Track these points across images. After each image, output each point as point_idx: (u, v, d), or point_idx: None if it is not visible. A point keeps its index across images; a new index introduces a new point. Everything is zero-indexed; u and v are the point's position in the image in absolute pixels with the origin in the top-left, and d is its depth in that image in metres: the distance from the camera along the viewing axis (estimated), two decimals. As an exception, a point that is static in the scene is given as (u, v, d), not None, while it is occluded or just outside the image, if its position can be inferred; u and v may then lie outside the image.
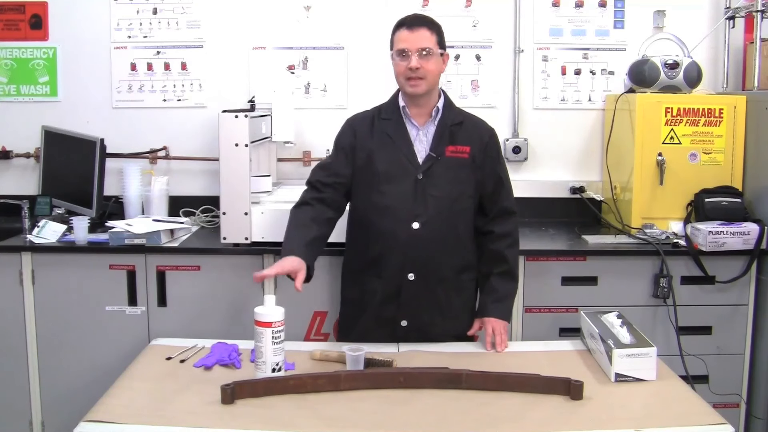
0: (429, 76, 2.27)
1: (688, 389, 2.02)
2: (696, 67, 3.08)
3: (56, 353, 2.87)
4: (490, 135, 2.41)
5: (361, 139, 2.35)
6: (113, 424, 1.75)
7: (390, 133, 2.34)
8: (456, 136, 2.34)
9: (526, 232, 3.16)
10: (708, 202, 2.95)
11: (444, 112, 2.35)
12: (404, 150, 2.32)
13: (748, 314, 2.91)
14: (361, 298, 2.38)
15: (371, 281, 2.33)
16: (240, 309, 2.75)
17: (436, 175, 2.30)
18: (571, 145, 3.49)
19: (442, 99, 2.38)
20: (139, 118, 3.46)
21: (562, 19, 3.44)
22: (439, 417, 1.81)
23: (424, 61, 2.25)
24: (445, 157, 2.31)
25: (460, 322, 2.41)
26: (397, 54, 2.28)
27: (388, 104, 2.41)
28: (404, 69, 2.26)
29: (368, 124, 2.38)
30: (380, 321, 2.36)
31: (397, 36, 2.30)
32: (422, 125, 2.35)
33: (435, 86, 2.33)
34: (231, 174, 2.76)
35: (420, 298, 2.33)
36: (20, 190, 3.42)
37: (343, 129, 2.43)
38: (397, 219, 2.28)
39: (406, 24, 2.28)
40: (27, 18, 3.43)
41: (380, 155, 2.32)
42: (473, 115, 2.46)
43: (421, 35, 2.26)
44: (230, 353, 2.16)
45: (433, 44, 2.27)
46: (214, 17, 3.43)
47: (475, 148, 2.34)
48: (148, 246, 2.82)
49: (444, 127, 2.34)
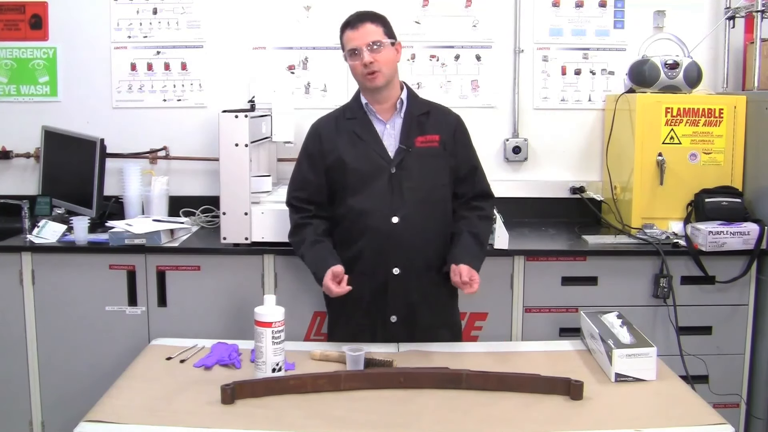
0: (384, 68, 2.28)
1: (688, 389, 2.02)
2: (696, 67, 3.08)
3: (56, 353, 2.87)
4: (458, 121, 2.42)
5: (328, 141, 2.36)
6: (113, 424, 1.75)
7: (357, 131, 2.34)
8: (424, 126, 2.34)
9: (526, 232, 3.17)
10: (708, 202, 2.95)
11: (408, 103, 2.36)
12: (373, 146, 2.32)
13: (748, 314, 2.91)
14: (350, 297, 2.33)
15: (357, 280, 2.29)
16: (240, 309, 2.75)
17: (409, 167, 2.30)
18: (571, 145, 3.49)
19: (405, 91, 2.38)
20: (139, 118, 3.46)
21: (562, 19, 3.44)
22: (439, 417, 1.81)
23: (375, 54, 2.26)
24: (416, 147, 2.31)
25: (447, 311, 2.44)
26: (349, 55, 2.30)
27: (351, 103, 2.41)
28: (359, 67, 2.27)
29: (333, 126, 2.38)
30: (370, 319, 2.36)
31: (345, 38, 2.32)
32: (388, 119, 2.35)
33: (394, 77, 2.34)
34: (231, 174, 2.76)
35: (407, 291, 2.33)
36: (20, 190, 3.42)
37: (309, 135, 2.43)
38: (375, 216, 2.29)
39: (350, 24, 2.31)
40: (27, 18, 3.43)
41: (350, 155, 2.32)
42: (438, 104, 2.47)
43: (367, 30, 2.27)
44: (230, 353, 2.16)
45: (380, 36, 2.28)
46: (214, 17, 3.43)
47: (445, 136, 2.35)
48: (148, 246, 2.82)
49: (411, 118, 2.34)
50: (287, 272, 2.84)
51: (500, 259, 2.82)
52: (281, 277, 2.85)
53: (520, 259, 2.85)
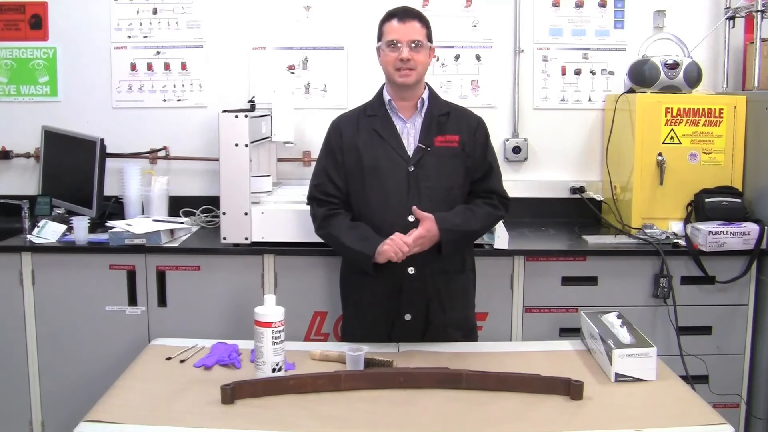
0: (419, 68, 2.28)
1: (688, 389, 2.02)
2: (696, 67, 3.08)
3: (56, 353, 2.87)
4: (478, 122, 2.41)
5: (348, 138, 2.36)
6: (113, 424, 1.75)
7: (377, 128, 2.34)
8: (444, 126, 2.34)
9: (526, 232, 3.16)
10: (708, 202, 2.95)
11: (430, 103, 2.36)
12: (393, 144, 2.32)
13: (748, 314, 2.91)
14: (364, 297, 2.39)
15: (372, 279, 2.31)
16: (240, 309, 2.75)
17: (428, 166, 2.30)
18: (571, 145, 3.49)
19: (427, 90, 2.39)
20: (139, 118, 3.46)
21: (562, 19, 3.44)
22: (439, 417, 1.81)
23: (414, 53, 2.26)
24: (434, 147, 2.31)
25: (461, 311, 2.43)
26: (387, 45, 2.29)
27: (373, 101, 2.41)
28: (394, 59, 2.27)
29: (354, 122, 2.38)
30: (385, 317, 2.36)
31: (387, 27, 2.30)
32: (409, 118, 2.36)
33: (422, 78, 2.35)
34: (231, 174, 2.76)
35: (422, 291, 2.34)
36: (20, 190, 3.42)
37: (330, 131, 2.43)
38: (392, 213, 2.29)
39: (398, 16, 2.30)
40: (27, 18, 3.43)
41: (369, 152, 2.32)
42: (459, 106, 2.47)
43: (412, 27, 2.28)
44: (230, 353, 2.16)
45: (423, 37, 2.29)
46: (214, 17, 3.43)
47: (464, 136, 2.35)
48: (148, 246, 2.82)
49: (431, 117, 2.34)
50: (287, 272, 2.84)
51: (500, 259, 2.82)
52: (281, 277, 2.85)
53: (520, 259, 2.85)
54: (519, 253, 2.84)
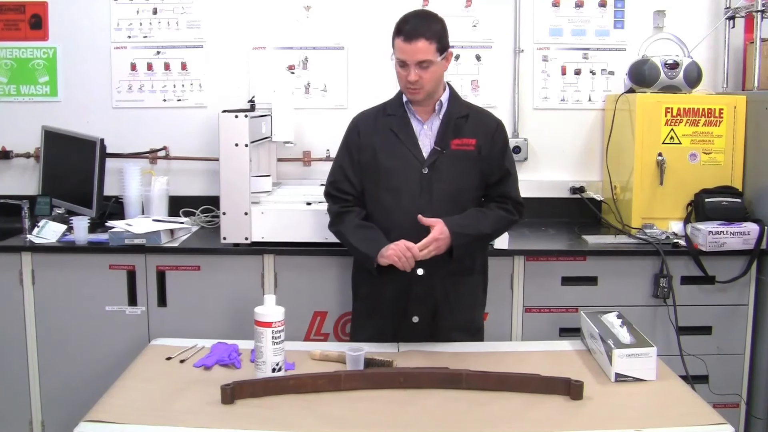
0: (427, 85, 2.26)
1: (688, 389, 2.02)
2: (696, 67, 3.08)
3: (56, 353, 2.87)
4: (497, 125, 2.39)
5: (365, 136, 2.37)
6: (113, 424, 1.75)
7: (394, 128, 2.34)
8: (462, 129, 2.33)
9: (526, 232, 3.16)
10: (708, 202, 2.95)
11: (449, 105, 2.36)
12: (409, 145, 2.32)
13: (748, 314, 2.91)
14: (373, 296, 2.39)
15: (381, 278, 2.31)
16: (240, 309, 2.75)
17: (442, 168, 2.30)
18: (571, 145, 3.49)
19: (447, 92, 2.37)
20: (139, 118, 3.46)
21: (562, 19, 3.44)
22: (439, 417, 1.81)
23: (422, 72, 2.23)
24: (450, 150, 2.31)
25: (469, 314, 2.43)
26: (397, 62, 2.27)
27: (393, 100, 2.41)
28: (404, 78, 2.26)
29: (372, 121, 2.39)
30: (393, 318, 2.36)
31: (396, 43, 2.25)
32: (426, 120, 2.35)
33: (436, 88, 2.32)
34: (231, 174, 2.76)
35: (430, 293, 2.34)
36: (20, 190, 3.42)
37: (349, 128, 2.44)
38: (403, 214, 2.28)
39: (404, 35, 2.21)
40: (27, 18, 3.43)
41: (385, 151, 2.33)
42: (480, 108, 2.46)
43: (419, 48, 2.20)
44: (230, 353, 2.16)
45: (431, 54, 2.22)
46: (214, 17, 3.43)
47: (482, 140, 2.33)
48: (148, 246, 2.82)
49: (449, 120, 2.34)
50: (287, 272, 2.84)
51: (500, 259, 2.82)
52: (281, 277, 2.85)
53: (520, 259, 2.85)
54: (519, 253, 2.85)
